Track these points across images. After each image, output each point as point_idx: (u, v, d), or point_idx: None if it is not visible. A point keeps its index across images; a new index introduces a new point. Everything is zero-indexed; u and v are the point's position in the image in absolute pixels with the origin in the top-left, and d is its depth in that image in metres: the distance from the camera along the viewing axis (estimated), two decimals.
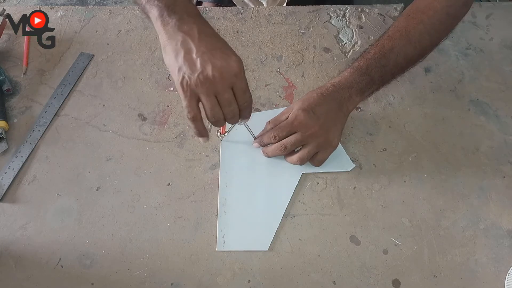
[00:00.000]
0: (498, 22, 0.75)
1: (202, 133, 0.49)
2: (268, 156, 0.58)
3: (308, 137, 0.54)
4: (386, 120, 0.63)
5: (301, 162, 0.56)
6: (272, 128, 0.57)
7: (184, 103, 0.45)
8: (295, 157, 0.56)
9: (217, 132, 0.60)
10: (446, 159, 0.60)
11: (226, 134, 0.60)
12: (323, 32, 0.74)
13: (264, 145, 0.58)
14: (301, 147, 0.56)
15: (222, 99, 0.45)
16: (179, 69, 0.44)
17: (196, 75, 0.43)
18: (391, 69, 0.56)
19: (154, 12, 0.46)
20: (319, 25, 0.75)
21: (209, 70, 0.43)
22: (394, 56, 0.55)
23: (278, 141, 0.55)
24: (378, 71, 0.55)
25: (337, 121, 0.55)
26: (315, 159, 0.56)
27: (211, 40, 0.45)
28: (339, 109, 0.55)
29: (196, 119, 0.46)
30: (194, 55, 0.44)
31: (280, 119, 0.57)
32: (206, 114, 0.46)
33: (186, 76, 0.44)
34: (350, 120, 0.63)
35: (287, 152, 0.56)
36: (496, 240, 0.54)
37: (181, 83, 0.44)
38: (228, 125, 0.57)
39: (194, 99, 0.45)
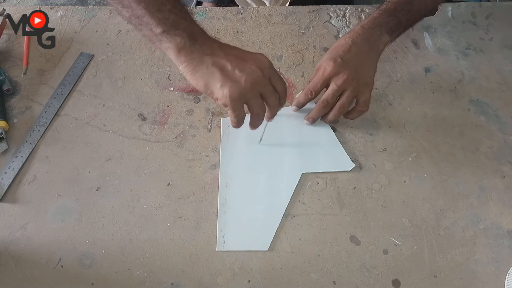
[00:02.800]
0: (498, 22, 0.75)
1: (240, 125, 0.52)
2: (314, 120, 0.60)
3: (343, 84, 0.55)
4: (386, 120, 0.63)
5: (343, 109, 0.57)
6: (305, 88, 0.58)
7: (233, 113, 0.49)
8: (335, 108, 0.57)
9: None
10: (446, 159, 0.60)
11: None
12: (323, 32, 0.74)
13: (302, 105, 0.60)
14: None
15: (266, 92, 0.49)
16: (222, 86, 0.47)
17: (242, 83, 0.47)
18: (414, 14, 0.59)
19: (177, 41, 0.46)
20: (319, 25, 0.75)
21: (249, 74, 0.47)
22: (417, 2, 0.59)
23: (315, 95, 0.57)
24: (405, 13, 0.58)
25: (369, 61, 0.57)
26: (359, 102, 0.57)
27: (232, 51, 0.49)
28: (370, 49, 0.56)
29: (240, 120, 0.51)
30: (230, 69, 0.47)
31: (315, 81, 0.58)
32: (252, 112, 0.51)
33: (232, 89, 0.46)
34: (350, 120, 0.63)
35: (330, 106, 0.57)
36: (496, 240, 0.54)
37: (231, 97, 0.47)
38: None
39: (241, 105, 0.49)
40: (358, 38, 0.56)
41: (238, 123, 0.51)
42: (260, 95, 0.49)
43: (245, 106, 0.50)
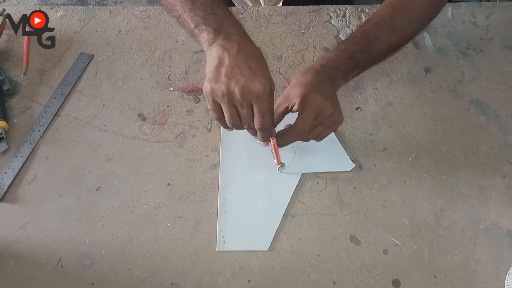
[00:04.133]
0: (498, 22, 0.75)
1: (226, 127, 0.52)
2: (283, 146, 0.55)
3: (326, 118, 0.52)
4: (386, 120, 0.63)
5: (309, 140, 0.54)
6: (296, 126, 0.53)
7: (208, 106, 0.49)
8: (305, 138, 0.54)
9: (277, 167, 0.57)
10: (446, 159, 0.60)
11: (281, 165, 0.57)
12: (323, 32, 0.74)
13: (287, 144, 0.55)
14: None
15: (241, 113, 0.48)
16: (208, 78, 0.47)
17: (218, 86, 0.46)
18: (374, 56, 0.57)
19: (203, 36, 0.49)
20: (319, 25, 0.75)
21: (231, 84, 0.46)
22: (379, 44, 0.56)
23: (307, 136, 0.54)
24: (363, 56, 0.56)
25: (337, 100, 0.55)
26: (321, 136, 0.54)
27: (247, 58, 0.47)
28: (332, 87, 0.54)
29: (220, 119, 0.50)
30: (224, 68, 0.47)
31: (279, 111, 0.54)
32: (226, 119, 0.49)
33: (210, 85, 0.47)
34: (350, 120, 0.63)
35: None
36: (496, 240, 0.54)
37: (205, 89, 0.47)
38: (281, 156, 0.56)
39: (216, 104, 0.48)
40: (323, 77, 0.54)
41: (217, 122, 0.51)
42: (236, 108, 0.48)
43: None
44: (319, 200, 0.56)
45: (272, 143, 0.53)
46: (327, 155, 0.59)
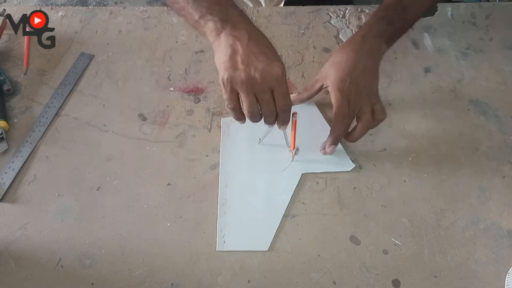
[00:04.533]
0: (498, 22, 0.75)
1: (240, 119, 0.52)
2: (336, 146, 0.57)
3: (358, 105, 0.54)
4: (386, 120, 0.63)
5: (369, 126, 0.55)
6: (335, 123, 0.55)
7: (225, 96, 0.49)
8: (361, 128, 0.55)
9: (291, 152, 0.58)
10: (446, 159, 0.60)
11: (296, 149, 0.59)
12: (323, 32, 0.74)
13: (338, 141, 0.57)
14: None
15: (261, 99, 0.48)
16: (224, 67, 0.47)
17: (237, 73, 0.46)
18: (408, 22, 0.59)
19: (209, 26, 0.50)
20: (319, 25, 0.75)
21: (250, 71, 0.46)
22: (412, 10, 0.58)
23: (347, 127, 0.55)
24: (400, 22, 0.57)
25: (374, 75, 0.56)
26: (375, 112, 0.55)
27: (259, 45, 0.48)
28: (372, 61, 0.56)
29: (235, 110, 0.50)
30: (239, 56, 0.47)
31: (314, 88, 0.58)
32: (243, 108, 0.50)
33: (228, 73, 0.47)
34: None
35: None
36: (496, 240, 0.54)
37: (223, 79, 0.48)
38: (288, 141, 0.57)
39: (234, 93, 0.49)
40: (362, 51, 0.55)
41: (233, 113, 0.51)
42: (255, 96, 0.49)
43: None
44: (319, 200, 0.56)
45: (292, 120, 0.54)
46: (327, 155, 0.59)
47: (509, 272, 0.51)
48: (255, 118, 0.51)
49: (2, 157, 0.60)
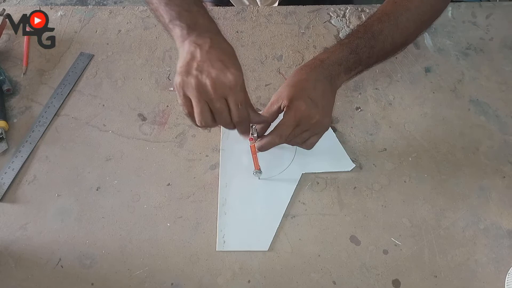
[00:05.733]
0: (498, 22, 0.75)
1: (196, 126, 0.50)
2: (265, 150, 0.53)
3: (310, 126, 0.52)
4: (386, 120, 0.63)
5: (293, 145, 0.54)
6: (275, 131, 0.53)
7: (178, 101, 0.48)
8: (288, 142, 0.53)
9: (253, 172, 0.57)
10: (446, 159, 0.60)
11: (258, 171, 0.56)
12: (323, 32, 0.74)
13: (266, 149, 0.53)
14: None
15: (213, 107, 0.46)
16: (179, 71, 0.46)
17: (189, 79, 0.45)
18: (377, 52, 0.55)
19: (176, 31, 0.49)
20: (319, 25, 0.75)
21: (202, 77, 0.45)
22: (383, 39, 0.55)
23: (285, 141, 0.53)
24: (366, 51, 0.54)
25: (330, 102, 0.54)
26: (308, 143, 0.54)
27: (219, 53, 0.47)
28: (330, 87, 0.53)
29: (190, 115, 0.48)
30: (195, 62, 0.46)
31: (272, 110, 0.54)
32: (195, 115, 0.47)
33: (181, 78, 0.46)
34: (350, 120, 0.63)
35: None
36: (496, 240, 0.54)
37: (175, 83, 0.46)
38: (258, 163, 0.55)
39: (187, 99, 0.47)
40: (320, 75, 0.53)
41: (190, 119, 0.49)
42: (207, 104, 0.46)
43: None
44: (319, 200, 0.56)
45: (250, 145, 0.52)
46: (327, 155, 0.59)
47: (509, 272, 0.51)
48: (208, 126, 0.48)
49: (2, 157, 0.60)
